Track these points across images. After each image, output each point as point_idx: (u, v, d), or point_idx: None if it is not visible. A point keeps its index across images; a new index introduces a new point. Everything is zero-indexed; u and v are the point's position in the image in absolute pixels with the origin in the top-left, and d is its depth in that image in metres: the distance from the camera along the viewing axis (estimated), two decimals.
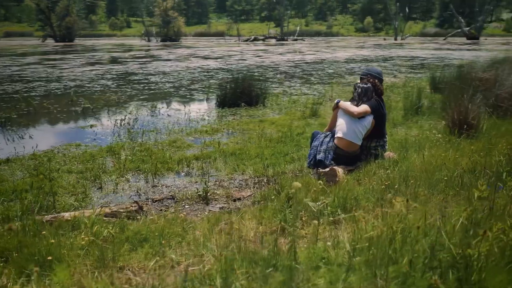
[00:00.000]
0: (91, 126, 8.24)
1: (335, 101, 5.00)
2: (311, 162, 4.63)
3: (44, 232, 2.70)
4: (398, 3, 69.20)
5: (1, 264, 2.57)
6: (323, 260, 1.98)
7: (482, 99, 6.61)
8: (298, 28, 71.41)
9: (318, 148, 4.58)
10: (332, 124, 4.95)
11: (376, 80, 4.88)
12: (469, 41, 53.01)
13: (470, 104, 5.65)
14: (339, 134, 4.58)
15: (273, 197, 3.70)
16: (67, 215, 3.66)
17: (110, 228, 2.96)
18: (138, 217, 3.68)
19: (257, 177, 5.23)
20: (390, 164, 4.35)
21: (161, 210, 4.26)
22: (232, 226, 3.18)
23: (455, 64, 19.58)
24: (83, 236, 2.78)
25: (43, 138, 7.39)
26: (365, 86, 4.76)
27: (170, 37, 60.52)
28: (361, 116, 4.61)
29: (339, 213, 3.11)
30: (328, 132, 4.86)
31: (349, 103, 4.84)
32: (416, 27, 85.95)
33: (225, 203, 4.40)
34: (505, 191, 2.78)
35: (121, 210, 3.91)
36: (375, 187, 3.52)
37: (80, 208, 4.19)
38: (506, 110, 6.68)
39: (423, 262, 1.73)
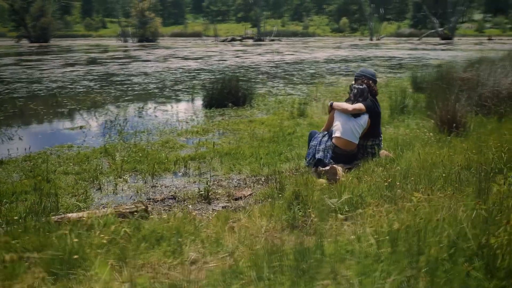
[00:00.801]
0: (80, 127, 8.21)
1: (329, 104, 5.13)
2: (310, 161, 4.75)
3: (66, 232, 2.73)
4: (373, 4, 70.13)
5: (26, 264, 2.60)
6: (349, 253, 2.08)
7: (467, 98, 6.83)
8: (275, 29, 71.69)
9: (317, 147, 4.71)
10: (328, 124, 5.10)
11: (371, 81, 5.04)
12: (443, 41, 54.08)
13: (457, 103, 5.86)
14: (337, 133, 4.72)
15: (280, 195, 3.79)
16: (74, 215, 3.69)
17: (126, 227, 3.01)
18: (151, 216, 3.74)
19: (254, 176, 5.32)
20: (387, 162, 4.50)
21: (164, 210, 4.31)
22: (243, 224, 3.27)
23: (433, 64, 20.04)
24: (102, 235, 2.83)
25: (33, 139, 7.34)
26: (361, 87, 4.92)
27: (147, 38, 60.05)
28: (357, 115, 4.75)
29: (347, 209, 3.23)
30: (325, 132, 4.98)
31: (342, 102, 4.99)
32: (391, 27, 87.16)
33: (227, 202, 4.47)
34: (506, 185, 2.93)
35: (127, 210, 3.95)
36: (378, 184, 3.65)
37: (84, 209, 4.22)
38: (490, 109, 6.92)
39: (448, 251, 1.85)
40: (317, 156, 4.61)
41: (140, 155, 6.15)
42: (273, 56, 28.80)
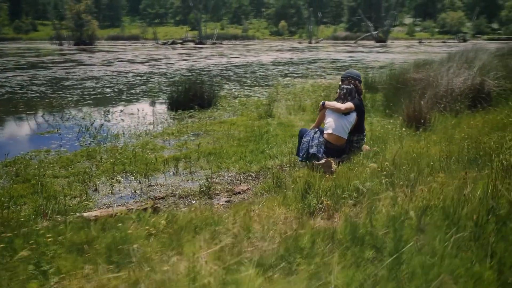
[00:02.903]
0: (49, 132, 8.11)
1: (320, 103, 5.51)
2: (304, 156, 5.10)
3: (119, 224, 2.89)
4: (311, 8, 72.02)
5: (78, 256, 2.75)
6: (391, 227, 2.41)
7: (424, 96, 7.44)
8: (216, 32, 71.98)
9: (310, 143, 5.06)
10: (319, 122, 5.50)
11: (357, 82, 5.48)
12: (378, 44, 56.54)
13: (422, 101, 6.42)
14: (329, 130, 5.12)
15: (292, 185, 4.08)
16: (93, 214, 3.82)
17: (161, 220, 3.20)
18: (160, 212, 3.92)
19: (243, 173, 5.60)
20: (373, 155, 4.93)
21: (169, 206, 4.49)
22: (263, 213, 3.55)
23: (375, 66, 21.12)
24: (147, 227, 3.01)
25: (5, 145, 7.19)
26: (349, 87, 5.34)
27: (83, 41, 58.33)
28: (347, 113, 5.17)
29: (355, 196, 3.58)
30: (316, 129, 5.35)
31: (334, 102, 5.38)
32: (328, 30, 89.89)
33: (228, 197, 4.73)
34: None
35: (140, 207, 4.11)
36: (375, 173, 4.03)
37: (93, 209, 4.33)
38: (445, 106, 7.57)
39: (487, 219, 2.22)
40: (311, 151, 4.96)
41: (126, 157, 6.24)
42: (220, 59, 29.04)
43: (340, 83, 5.60)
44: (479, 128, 5.46)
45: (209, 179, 5.01)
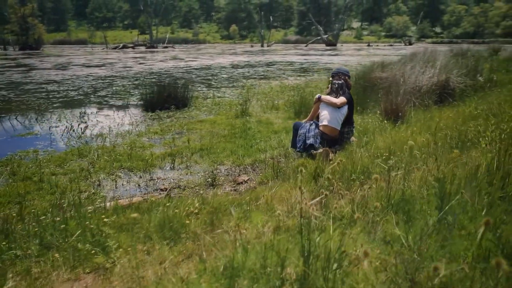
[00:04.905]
0: (29, 133, 8.07)
1: (316, 97, 5.89)
2: (301, 146, 5.45)
3: (157, 208, 3.12)
4: (262, 12, 72.93)
5: (125, 233, 2.97)
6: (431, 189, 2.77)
7: (393, 93, 7.97)
8: (167, 36, 71.55)
9: (307, 134, 5.42)
10: (313, 115, 5.88)
11: (346, 77, 5.89)
12: (328, 48, 58.11)
13: (399, 97, 6.94)
14: (324, 122, 5.51)
15: (303, 171, 4.40)
16: (125, 202, 4.04)
17: (196, 203, 3.45)
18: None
19: (238, 166, 5.89)
20: (365, 144, 5.35)
21: (180, 196, 4.72)
22: (280, 195, 3.86)
23: (333, 68, 21.78)
24: (187, 209, 3.26)
25: None
26: (340, 82, 5.75)
27: (30, 45, 56.52)
28: (340, 106, 5.58)
29: (362, 178, 3.96)
30: (311, 121, 5.72)
31: (329, 96, 5.77)
32: (278, 34, 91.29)
33: (233, 187, 5.01)
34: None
35: (157, 198, 4.33)
36: (373, 160, 4.44)
37: (106, 201, 4.50)
38: (414, 102, 8.15)
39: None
40: (308, 142, 5.33)
41: (119, 154, 6.38)
42: (178, 63, 29.05)
43: (331, 78, 6.00)
44: (453, 119, 6.00)
45: (213, 171, 5.27)
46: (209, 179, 5.09)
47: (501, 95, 7.76)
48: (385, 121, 6.76)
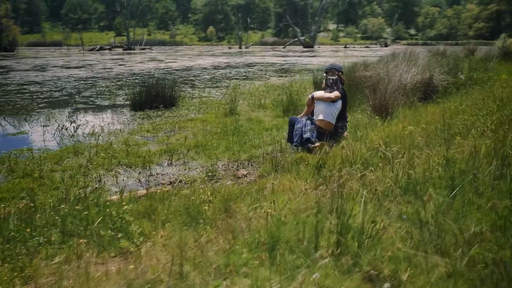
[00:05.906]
0: (20, 133, 8.10)
1: (309, 96, 6.08)
2: (298, 141, 5.64)
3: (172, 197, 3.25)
4: (240, 14, 73.12)
5: (144, 220, 3.10)
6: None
7: (380, 91, 8.23)
8: (145, 37, 71.15)
9: (303, 129, 5.61)
10: (308, 111, 6.07)
11: (340, 73, 6.11)
12: (306, 49, 58.59)
13: (387, 94, 7.20)
14: (320, 117, 5.70)
15: (300, 164, 4.59)
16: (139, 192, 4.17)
17: (208, 193, 3.60)
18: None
19: (235, 162, 6.04)
20: (358, 138, 5.57)
21: (183, 189, 4.85)
22: (286, 186, 4.04)
23: (313, 68, 22.14)
24: (200, 197, 3.40)
25: None
26: (334, 78, 5.96)
27: (4, 47, 55.51)
28: (334, 100, 5.79)
29: (362, 169, 4.17)
30: (307, 116, 5.91)
31: (322, 92, 5.97)
32: (256, 36, 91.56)
33: (233, 180, 5.16)
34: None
35: (158, 191, 4.46)
36: (371, 152, 4.65)
37: (113, 194, 4.60)
38: (400, 99, 8.43)
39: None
40: (305, 136, 5.52)
41: (116, 151, 6.46)
42: (158, 64, 29.01)
43: (325, 74, 6.21)
44: (440, 115, 6.27)
45: (213, 165, 5.41)
46: (210, 173, 5.23)
47: (483, 91, 8.11)
48: (376, 117, 7.00)
